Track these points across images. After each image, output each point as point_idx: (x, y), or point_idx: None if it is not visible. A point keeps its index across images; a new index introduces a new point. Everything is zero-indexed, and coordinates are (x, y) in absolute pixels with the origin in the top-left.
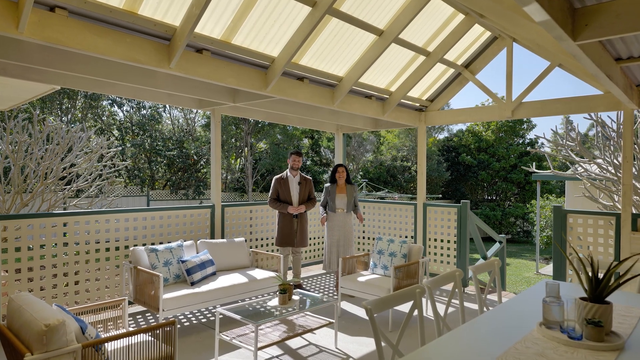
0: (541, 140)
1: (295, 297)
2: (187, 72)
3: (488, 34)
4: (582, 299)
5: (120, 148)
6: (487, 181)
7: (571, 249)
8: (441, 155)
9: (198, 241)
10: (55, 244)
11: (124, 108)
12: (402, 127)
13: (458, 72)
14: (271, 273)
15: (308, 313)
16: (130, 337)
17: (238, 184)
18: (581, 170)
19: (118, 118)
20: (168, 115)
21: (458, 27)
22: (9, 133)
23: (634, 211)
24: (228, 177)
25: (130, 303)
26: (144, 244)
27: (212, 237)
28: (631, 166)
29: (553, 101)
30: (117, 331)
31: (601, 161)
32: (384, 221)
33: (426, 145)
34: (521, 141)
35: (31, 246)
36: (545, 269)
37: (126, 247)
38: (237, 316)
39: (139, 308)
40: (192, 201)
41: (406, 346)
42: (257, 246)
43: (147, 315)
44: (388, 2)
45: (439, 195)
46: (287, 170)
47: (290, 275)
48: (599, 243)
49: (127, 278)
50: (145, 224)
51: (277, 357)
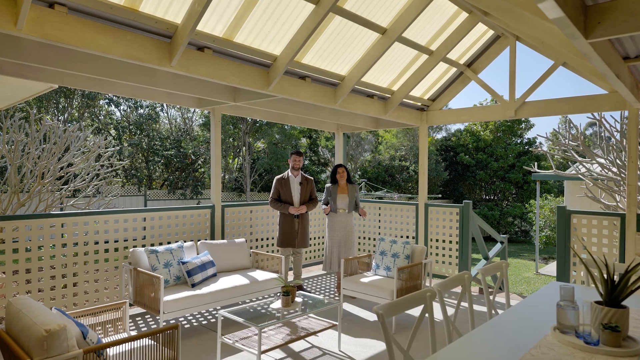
0: (540, 139)
1: (298, 299)
2: (188, 71)
3: (491, 33)
4: (598, 303)
5: (117, 147)
6: (485, 181)
7: (577, 250)
8: (439, 154)
9: (198, 242)
10: (53, 245)
11: (121, 107)
12: (404, 127)
13: (460, 72)
14: (272, 274)
15: (311, 315)
16: (132, 342)
17: (236, 184)
18: (583, 170)
19: (115, 117)
20: (165, 114)
21: (461, 26)
22: (6, 132)
23: (639, 212)
24: (226, 177)
25: (129, 305)
26: (144, 245)
27: (212, 238)
28: (636, 166)
29: (557, 100)
30: (117, 334)
31: (603, 161)
32: (385, 221)
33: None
34: (519, 141)
35: (29, 247)
36: (544, 269)
37: (125, 248)
38: (240, 319)
39: (139, 310)
40: (190, 201)
41: (415, 350)
42: (258, 247)
43: (147, 317)
44: (392, 0)
45: (439, 195)
46: (288, 170)
47: (290, 276)
48: (604, 244)
49: (127, 279)
50: (144, 225)
51: None
